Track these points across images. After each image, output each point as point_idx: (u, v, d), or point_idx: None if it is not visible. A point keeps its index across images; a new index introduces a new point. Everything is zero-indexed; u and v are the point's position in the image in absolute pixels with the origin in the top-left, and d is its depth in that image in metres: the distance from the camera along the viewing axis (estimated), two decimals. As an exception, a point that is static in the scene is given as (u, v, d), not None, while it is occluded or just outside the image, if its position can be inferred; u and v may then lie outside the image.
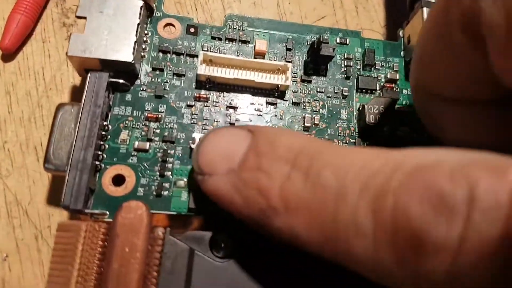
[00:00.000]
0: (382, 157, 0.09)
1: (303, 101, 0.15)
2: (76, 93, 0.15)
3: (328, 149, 0.10)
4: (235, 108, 0.14)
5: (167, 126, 0.14)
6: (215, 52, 0.15)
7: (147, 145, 0.13)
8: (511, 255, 0.07)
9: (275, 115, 0.14)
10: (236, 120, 0.14)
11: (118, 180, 0.13)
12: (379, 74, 0.16)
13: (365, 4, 0.19)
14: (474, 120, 0.12)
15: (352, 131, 0.15)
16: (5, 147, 0.15)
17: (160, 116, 0.14)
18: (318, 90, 0.15)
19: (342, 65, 0.16)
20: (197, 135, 0.13)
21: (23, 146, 0.15)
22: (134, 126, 0.13)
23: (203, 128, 0.14)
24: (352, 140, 0.15)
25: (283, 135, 0.11)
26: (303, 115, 0.14)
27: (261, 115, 0.14)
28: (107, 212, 0.13)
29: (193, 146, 0.13)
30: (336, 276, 0.11)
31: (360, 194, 0.08)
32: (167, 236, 0.12)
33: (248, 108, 0.14)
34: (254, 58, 0.15)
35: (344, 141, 0.15)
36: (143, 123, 0.13)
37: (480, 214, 0.08)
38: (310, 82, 0.15)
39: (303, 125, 0.14)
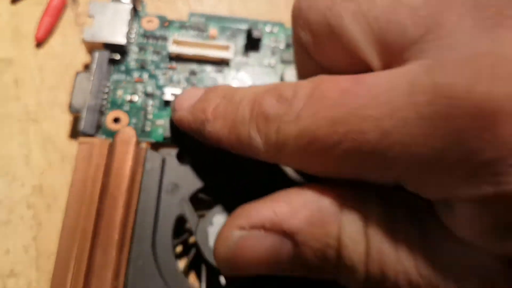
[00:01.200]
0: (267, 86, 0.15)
1: (242, 69, 0.21)
2: (87, 66, 0.21)
3: (243, 87, 0.16)
4: (195, 74, 0.20)
5: (148, 86, 0.19)
6: (181, 37, 0.21)
7: (135, 97, 0.19)
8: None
9: (223, 79, 0.20)
10: (195, 83, 0.20)
11: (116, 120, 0.19)
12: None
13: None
14: None
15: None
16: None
17: (143, 80, 0.19)
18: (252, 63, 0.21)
19: (270, 46, 0.22)
20: (168, 91, 0.19)
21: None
22: (126, 86, 0.19)
23: (172, 87, 0.20)
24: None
25: (222, 86, 0.17)
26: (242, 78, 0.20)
27: (214, 78, 0.20)
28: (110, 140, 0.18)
29: (165, 98, 0.19)
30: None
31: (248, 106, 0.14)
32: (148, 149, 0.18)
33: (204, 73, 0.20)
34: (208, 40, 0.21)
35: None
36: (133, 84, 0.19)
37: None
38: (247, 56, 0.21)
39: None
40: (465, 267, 0.11)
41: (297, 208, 0.12)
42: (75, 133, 0.20)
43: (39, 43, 0.22)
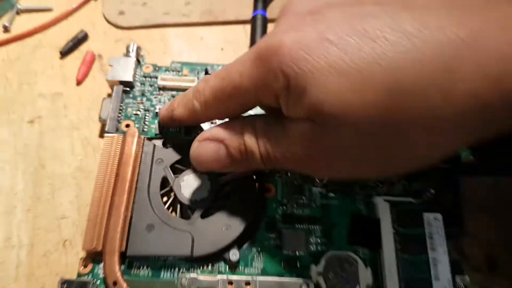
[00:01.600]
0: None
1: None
2: (110, 95, 0.33)
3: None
4: (173, 97, 0.32)
5: (146, 105, 0.31)
6: (165, 76, 0.32)
7: (138, 112, 0.31)
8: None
9: None
10: None
11: (127, 125, 0.30)
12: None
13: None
14: None
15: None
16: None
17: (143, 102, 0.31)
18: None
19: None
20: (158, 107, 0.31)
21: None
22: (133, 106, 0.31)
23: (160, 105, 0.31)
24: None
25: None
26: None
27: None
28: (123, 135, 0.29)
29: (156, 111, 0.31)
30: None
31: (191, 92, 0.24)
32: (145, 140, 0.29)
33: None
34: (182, 77, 0.33)
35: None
36: (137, 105, 0.31)
37: None
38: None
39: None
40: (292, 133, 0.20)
41: (224, 128, 0.23)
42: (102, 134, 0.31)
43: (79, 83, 0.33)
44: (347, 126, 0.17)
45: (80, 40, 0.34)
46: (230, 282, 0.25)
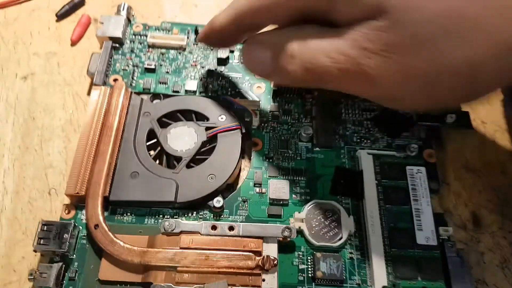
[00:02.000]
0: None
1: (194, 53, 0.32)
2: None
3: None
4: (163, 54, 0.32)
5: (135, 61, 0.30)
6: (156, 34, 0.32)
7: (127, 67, 0.30)
8: None
9: (181, 57, 0.31)
10: (163, 61, 0.31)
11: (115, 80, 0.29)
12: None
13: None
14: None
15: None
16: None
17: (132, 58, 0.31)
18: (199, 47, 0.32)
19: (212, 40, 0.33)
20: (146, 63, 0.30)
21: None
22: (122, 61, 0.30)
23: (149, 62, 0.31)
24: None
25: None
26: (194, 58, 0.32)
27: (175, 57, 0.31)
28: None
29: (145, 66, 0.30)
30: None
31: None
32: (132, 93, 0.28)
33: (169, 54, 0.32)
34: (171, 35, 0.32)
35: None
36: (126, 61, 0.30)
37: None
38: (196, 44, 0.32)
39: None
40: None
41: (272, 33, 0.22)
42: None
43: (73, 44, 0.33)
44: (415, 20, 0.16)
45: (76, 4, 0.34)
46: (214, 227, 0.24)
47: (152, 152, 0.27)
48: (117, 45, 0.30)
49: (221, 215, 0.25)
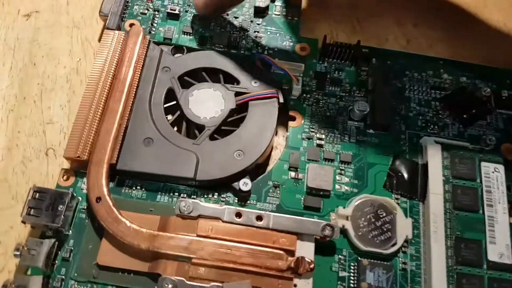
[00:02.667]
0: None
1: None
2: None
3: None
4: None
5: (156, 4, 0.25)
6: None
7: (146, 11, 0.25)
8: None
9: None
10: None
11: (131, 25, 0.24)
12: None
13: None
14: None
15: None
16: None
17: (153, 0, 0.25)
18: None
19: None
20: (170, 7, 0.25)
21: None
22: (141, 4, 0.25)
23: (174, 6, 0.25)
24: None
25: None
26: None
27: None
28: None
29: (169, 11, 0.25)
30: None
31: None
32: (151, 42, 0.23)
33: None
34: None
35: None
36: (145, 3, 0.25)
37: None
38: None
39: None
40: None
41: None
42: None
43: None
44: None
45: None
46: (239, 214, 0.19)
47: (169, 117, 0.23)
48: None
49: (247, 200, 0.20)
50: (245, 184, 0.20)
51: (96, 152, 0.20)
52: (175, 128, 0.22)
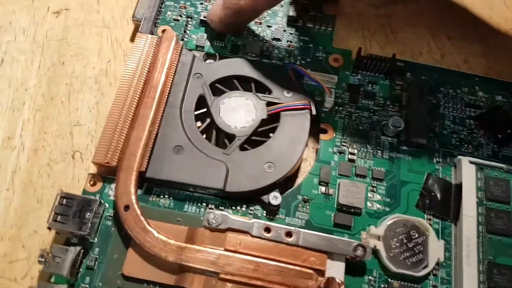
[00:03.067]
0: None
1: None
2: None
3: None
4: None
5: (190, 11, 0.24)
6: None
7: (179, 18, 0.24)
8: None
9: None
10: None
11: (163, 31, 0.23)
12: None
13: None
14: None
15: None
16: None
17: (186, 6, 0.24)
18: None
19: None
20: (203, 14, 0.24)
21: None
22: (174, 10, 0.24)
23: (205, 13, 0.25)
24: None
25: None
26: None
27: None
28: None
29: (202, 18, 0.24)
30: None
31: None
32: (184, 47, 0.22)
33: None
34: None
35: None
36: (179, 9, 0.24)
37: None
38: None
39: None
40: None
41: None
42: (134, 38, 0.25)
43: None
44: None
45: None
46: (268, 229, 0.19)
47: (199, 124, 0.22)
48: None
49: (275, 214, 0.20)
50: (275, 198, 0.20)
51: (126, 159, 0.19)
52: (204, 136, 0.21)
